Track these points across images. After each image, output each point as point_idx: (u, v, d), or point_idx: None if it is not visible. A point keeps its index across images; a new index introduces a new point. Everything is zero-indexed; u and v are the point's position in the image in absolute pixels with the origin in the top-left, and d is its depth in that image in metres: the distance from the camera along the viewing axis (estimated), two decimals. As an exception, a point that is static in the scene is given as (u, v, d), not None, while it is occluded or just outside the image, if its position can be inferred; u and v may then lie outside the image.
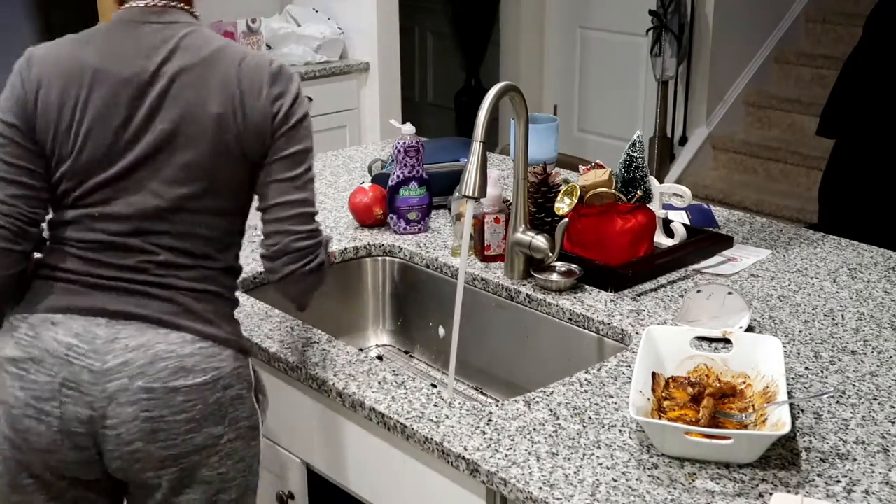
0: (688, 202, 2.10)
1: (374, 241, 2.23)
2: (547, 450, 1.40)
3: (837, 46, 5.29)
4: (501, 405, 1.52)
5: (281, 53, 4.33)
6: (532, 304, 1.93)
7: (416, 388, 1.58)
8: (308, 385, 1.67)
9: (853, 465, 1.35)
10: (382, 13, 4.40)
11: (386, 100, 4.50)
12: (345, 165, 2.83)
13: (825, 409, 1.50)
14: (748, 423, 1.42)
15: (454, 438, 1.43)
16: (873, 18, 3.38)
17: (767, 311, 1.85)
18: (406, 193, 2.22)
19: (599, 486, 1.31)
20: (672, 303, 1.87)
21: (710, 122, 5.54)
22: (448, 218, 2.31)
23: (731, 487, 1.31)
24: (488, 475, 1.36)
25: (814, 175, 4.66)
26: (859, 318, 1.82)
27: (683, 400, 1.50)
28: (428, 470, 1.50)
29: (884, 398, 1.53)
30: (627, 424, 1.46)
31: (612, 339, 1.80)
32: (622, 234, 1.97)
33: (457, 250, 2.11)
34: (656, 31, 5.23)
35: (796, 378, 1.60)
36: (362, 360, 1.68)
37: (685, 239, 2.09)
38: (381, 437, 1.58)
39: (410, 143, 2.20)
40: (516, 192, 1.93)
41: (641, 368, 1.49)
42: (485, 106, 1.74)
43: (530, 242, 1.92)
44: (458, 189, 1.84)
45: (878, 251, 2.15)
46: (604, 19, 5.64)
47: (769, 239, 2.22)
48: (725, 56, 5.42)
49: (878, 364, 1.64)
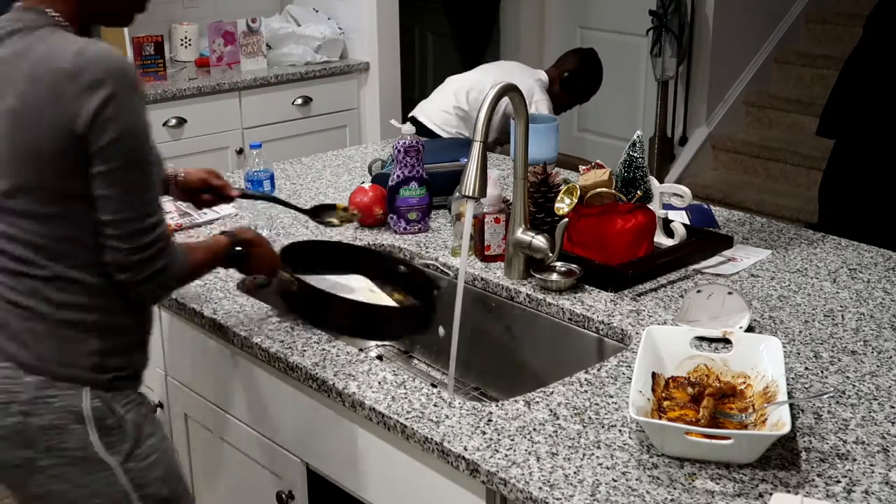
0: (688, 202, 2.10)
1: (375, 241, 2.22)
2: (547, 450, 1.40)
3: (837, 46, 5.29)
4: (501, 405, 1.52)
5: (281, 53, 4.33)
6: (532, 304, 1.93)
7: (416, 388, 1.58)
8: (308, 385, 1.67)
9: (853, 465, 1.35)
10: (382, 13, 4.40)
11: (386, 100, 4.50)
12: (345, 165, 2.83)
13: (825, 409, 1.50)
14: (748, 423, 1.42)
15: (454, 438, 1.43)
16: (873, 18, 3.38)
17: (767, 311, 1.85)
18: (406, 193, 2.22)
19: (599, 486, 1.31)
20: (672, 303, 1.87)
21: (710, 122, 5.54)
22: (448, 218, 2.31)
23: (731, 487, 1.31)
24: (488, 475, 1.36)
25: (814, 175, 4.66)
26: (859, 318, 1.82)
27: (683, 400, 1.50)
28: (428, 470, 1.50)
29: (884, 398, 1.53)
30: (627, 424, 1.46)
31: (612, 339, 1.80)
32: (622, 234, 1.97)
33: (457, 250, 2.11)
34: (656, 31, 5.23)
35: (796, 378, 1.60)
36: (362, 360, 1.68)
37: (685, 239, 2.09)
38: (381, 437, 1.58)
39: (410, 143, 2.20)
40: (516, 192, 1.93)
41: (641, 368, 1.49)
42: (485, 106, 1.74)
43: (530, 242, 1.92)
44: (458, 189, 1.84)
45: (878, 251, 2.15)
46: (604, 19, 5.64)
47: (769, 239, 2.22)
48: (725, 56, 5.42)
49: (878, 364, 1.64)
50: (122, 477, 1.55)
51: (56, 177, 1.44)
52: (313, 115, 4.35)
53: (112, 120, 1.40)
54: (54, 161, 1.43)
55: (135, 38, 3.94)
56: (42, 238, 1.47)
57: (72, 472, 1.52)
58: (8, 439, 1.50)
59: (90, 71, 1.39)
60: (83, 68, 1.39)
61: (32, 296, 1.49)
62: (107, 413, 1.53)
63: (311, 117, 4.34)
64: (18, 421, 1.49)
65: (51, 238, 1.47)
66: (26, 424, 1.49)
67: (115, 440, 1.54)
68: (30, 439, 1.50)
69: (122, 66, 1.42)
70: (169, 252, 1.53)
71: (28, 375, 1.49)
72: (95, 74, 1.39)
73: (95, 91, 1.39)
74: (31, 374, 1.49)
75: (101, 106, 1.39)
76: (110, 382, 1.54)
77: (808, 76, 5.56)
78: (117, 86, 1.40)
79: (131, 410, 1.56)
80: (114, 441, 1.54)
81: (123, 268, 1.48)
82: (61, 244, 1.48)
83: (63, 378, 1.50)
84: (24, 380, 1.49)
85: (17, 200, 1.46)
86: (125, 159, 1.43)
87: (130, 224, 1.46)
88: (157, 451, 1.60)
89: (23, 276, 1.49)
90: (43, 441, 1.50)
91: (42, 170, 1.44)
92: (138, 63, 3.93)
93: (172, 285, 1.60)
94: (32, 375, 1.49)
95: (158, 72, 4.02)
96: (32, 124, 1.42)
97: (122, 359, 1.57)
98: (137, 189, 1.46)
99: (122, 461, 1.54)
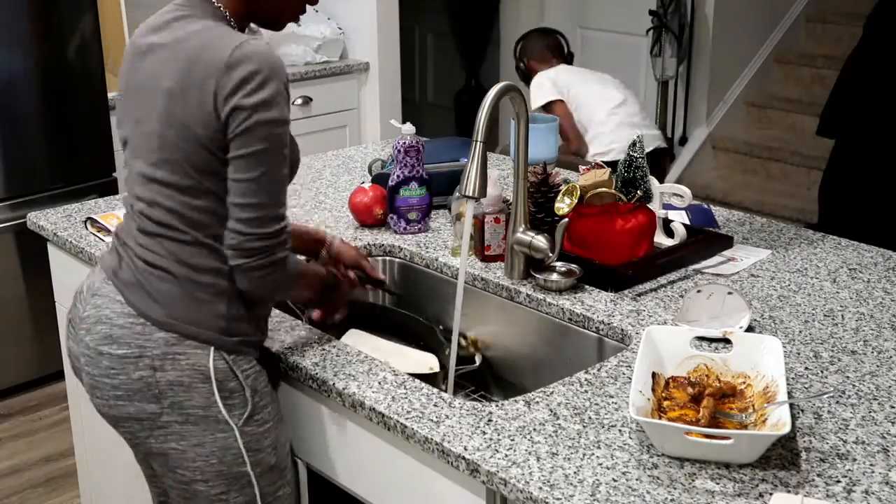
0: (688, 202, 2.10)
1: (375, 241, 2.23)
2: (547, 450, 1.40)
3: (837, 46, 5.29)
4: (501, 405, 1.52)
5: (281, 53, 4.33)
6: (532, 304, 1.93)
7: (416, 388, 1.58)
8: (308, 385, 1.67)
9: (853, 465, 1.35)
10: (382, 13, 4.40)
11: (386, 100, 4.50)
12: (345, 165, 2.83)
13: (825, 409, 1.50)
14: (748, 423, 1.42)
15: (454, 438, 1.43)
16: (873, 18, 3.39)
17: (767, 311, 1.85)
18: (406, 193, 2.22)
19: (599, 486, 1.31)
20: (672, 303, 1.87)
21: (710, 121, 5.54)
22: (448, 218, 2.31)
23: (731, 487, 1.31)
24: (488, 475, 1.36)
25: (814, 175, 4.67)
26: (859, 318, 1.82)
27: (683, 400, 1.50)
28: (428, 470, 1.50)
29: (884, 398, 1.53)
30: (627, 424, 1.46)
31: (612, 339, 1.80)
32: (622, 234, 1.97)
33: (457, 250, 2.11)
34: (656, 31, 5.23)
35: (796, 378, 1.60)
36: (362, 360, 1.68)
37: (685, 239, 2.09)
38: (381, 437, 1.58)
39: (410, 143, 2.20)
40: (516, 192, 1.93)
41: (641, 368, 1.49)
42: (485, 106, 1.75)
43: (530, 242, 1.92)
44: (458, 189, 1.84)
45: (878, 251, 2.15)
46: (604, 19, 5.64)
47: (769, 239, 2.22)
48: (725, 56, 5.42)
49: (878, 364, 1.64)
50: (239, 439, 1.60)
51: (198, 154, 1.52)
52: (313, 115, 4.35)
53: (255, 110, 1.48)
54: (199, 140, 1.51)
55: (135, 38, 3.94)
56: (182, 206, 1.55)
57: (192, 430, 1.58)
58: (138, 392, 1.57)
59: (244, 65, 1.48)
60: (239, 61, 1.48)
61: (170, 257, 1.57)
62: (229, 375, 1.59)
63: (311, 117, 4.34)
64: (148, 374, 1.56)
65: (190, 207, 1.55)
66: (156, 378, 1.56)
67: (236, 403, 1.59)
68: (157, 394, 1.56)
69: (275, 64, 1.51)
70: (288, 250, 1.58)
71: (159, 331, 1.56)
72: (249, 68, 1.48)
73: (245, 83, 1.48)
74: (161, 331, 1.56)
75: (246, 95, 1.48)
76: (235, 346, 1.60)
77: (808, 76, 5.56)
78: (267, 81, 1.49)
79: (251, 376, 1.61)
80: (234, 404, 1.59)
81: (241, 252, 1.53)
82: (201, 214, 1.56)
83: (191, 336, 1.57)
84: (154, 336, 1.56)
85: (164, 172, 1.55)
86: (261, 147, 1.50)
87: (258, 209, 1.52)
88: (271, 420, 1.65)
89: (163, 237, 1.57)
90: (168, 396, 1.56)
91: (187, 147, 1.53)
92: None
93: (280, 284, 1.61)
94: (163, 332, 1.56)
95: (158, 72, 4.01)
96: (184, 105, 1.51)
97: (247, 325, 1.62)
98: (269, 179, 1.53)
99: (239, 423, 1.60)
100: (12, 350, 3.60)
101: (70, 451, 2.82)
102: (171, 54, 1.55)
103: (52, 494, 3.04)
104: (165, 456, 1.61)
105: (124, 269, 1.61)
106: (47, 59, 3.49)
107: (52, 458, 3.22)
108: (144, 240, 1.59)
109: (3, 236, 3.52)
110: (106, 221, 2.30)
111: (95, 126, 3.64)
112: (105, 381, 1.59)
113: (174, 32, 1.57)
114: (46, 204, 3.36)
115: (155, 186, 1.57)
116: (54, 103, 3.54)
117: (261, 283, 1.57)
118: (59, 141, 3.58)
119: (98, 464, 2.47)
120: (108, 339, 1.58)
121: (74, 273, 2.26)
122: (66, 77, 3.55)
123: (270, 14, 1.65)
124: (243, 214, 1.52)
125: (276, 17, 1.66)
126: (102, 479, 2.48)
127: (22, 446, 3.30)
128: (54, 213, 2.44)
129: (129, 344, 1.57)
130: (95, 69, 3.60)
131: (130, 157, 1.63)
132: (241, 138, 1.50)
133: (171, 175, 1.55)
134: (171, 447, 1.60)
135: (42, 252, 2.45)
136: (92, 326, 1.61)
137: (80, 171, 3.64)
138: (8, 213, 3.50)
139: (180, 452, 1.60)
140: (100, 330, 1.59)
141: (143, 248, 1.59)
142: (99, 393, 1.62)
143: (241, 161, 1.51)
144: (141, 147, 1.59)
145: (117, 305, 1.59)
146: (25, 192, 3.53)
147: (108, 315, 1.59)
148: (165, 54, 1.56)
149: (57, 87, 3.53)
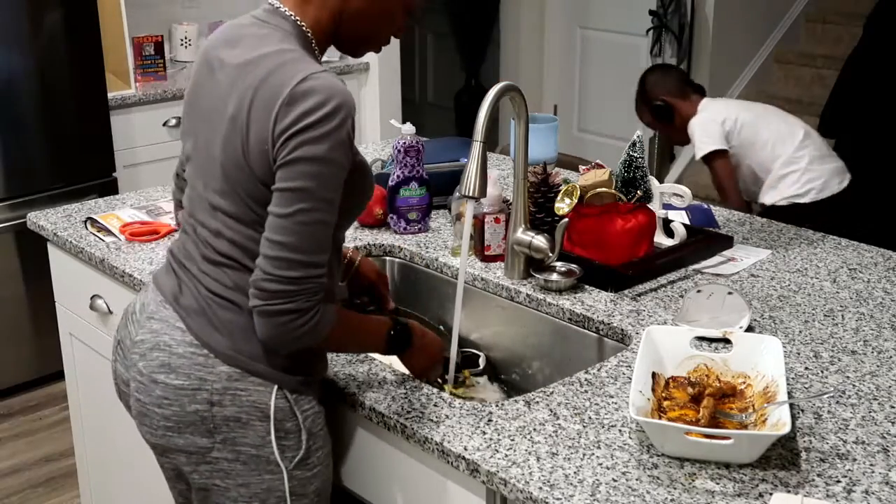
0: (688, 202, 2.10)
1: (375, 241, 2.23)
2: (547, 450, 1.40)
3: (837, 46, 5.29)
4: (501, 405, 1.52)
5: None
6: (532, 304, 1.93)
7: (416, 388, 1.58)
8: (308, 385, 1.67)
9: (853, 465, 1.35)
10: (382, 13, 4.39)
11: (386, 100, 4.50)
12: (345, 165, 2.82)
13: (825, 409, 1.50)
14: (748, 423, 1.42)
15: (454, 438, 1.43)
16: (873, 18, 3.39)
17: (767, 311, 1.85)
18: (406, 193, 2.22)
19: (599, 486, 1.31)
20: (672, 303, 1.87)
21: (710, 122, 5.53)
22: (448, 218, 2.31)
23: (731, 487, 1.31)
24: (488, 475, 1.36)
25: (814, 175, 4.66)
26: (859, 318, 1.82)
27: (683, 400, 1.50)
28: (428, 470, 1.50)
29: (884, 398, 1.53)
30: (627, 424, 1.46)
31: (612, 339, 1.80)
32: (622, 234, 1.97)
33: (457, 250, 2.11)
34: (656, 31, 5.23)
35: (796, 378, 1.60)
36: (362, 360, 1.68)
37: (685, 239, 2.09)
38: (381, 437, 1.58)
39: (410, 143, 2.20)
40: (516, 192, 1.93)
41: (641, 368, 1.49)
42: (485, 106, 1.74)
43: (530, 242, 1.92)
44: (458, 189, 1.84)
45: (878, 251, 2.15)
46: (604, 19, 5.64)
47: (769, 239, 2.22)
48: (725, 56, 5.42)
49: (878, 364, 1.64)
50: (286, 483, 1.53)
51: (255, 188, 1.44)
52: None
53: (302, 143, 1.38)
54: (254, 173, 1.43)
55: (135, 38, 3.93)
56: (246, 240, 1.47)
57: (241, 469, 1.51)
58: (191, 424, 1.50)
59: (308, 98, 1.38)
60: (303, 94, 1.38)
61: (237, 289, 1.49)
62: (289, 415, 1.51)
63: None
64: (205, 409, 1.48)
65: (255, 241, 1.45)
66: (212, 413, 1.49)
67: (290, 445, 1.51)
68: (211, 428, 1.49)
69: (341, 101, 1.39)
70: (316, 301, 1.42)
71: (222, 365, 1.48)
72: (312, 101, 1.38)
73: (304, 116, 1.37)
74: (225, 364, 1.49)
75: (300, 127, 1.37)
76: (298, 385, 1.52)
77: (808, 76, 5.56)
78: (327, 118, 1.37)
79: (310, 417, 1.53)
80: (288, 445, 1.51)
81: (258, 292, 1.40)
82: None
83: (256, 373, 1.49)
84: (218, 369, 1.48)
85: (227, 202, 1.47)
86: (300, 185, 1.39)
87: (284, 250, 1.39)
88: (321, 465, 1.57)
89: (228, 268, 1.49)
90: (223, 432, 1.49)
91: (246, 181, 1.44)
92: (138, 63, 3.94)
93: (305, 338, 1.43)
94: (226, 366, 1.48)
95: (158, 72, 4.02)
96: (243, 134, 1.42)
97: (309, 364, 1.54)
98: (304, 221, 1.39)
99: (290, 466, 1.52)
100: (12, 350, 3.60)
101: (70, 451, 2.82)
102: (238, 79, 1.45)
103: (52, 494, 3.04)
104: (207, 491, 1.54)
105: (186, 295, 1.53)
106: (47, 59, 3.49)
107: (52, 458, 3.22)
108: (208, 267, 1.51)
109: (3, 236, 3.52)
110: (106, 221, 2.30)
111: (95, 126, 3.64)
112: (156, 410, 1.51)
113: (245, 52, 1.47)
114: (46, 204, 3.37)
115: (220, 216, 1.49)
116: (54, 103, 3.54)
117: (276, 331, 1.41)
118: (59, 141, 3.59)
119: (98, 464, 2.47)
120: (165, 367, 1.50)
121: (74, 273, 2.26)
122: (66, 77, 3.55)
123: (356, 40, 1.55)
124: (269, 252, 1.40)
125: (361, 43, 1.57)
126: (102, 479, 2.48)
127: (22, 446, 3.31)
128: (54, 213, 2.44)
129: (188, 375, 1.48)
130: (95, 69, 3.60)
131: (194, 176, 1.54)
132: (283, 170, 1.39)
133: (233, 206, 1.47)
134: (215, 483, 1.52)
135: (42, 252, 2.45)
136: (147, 352, 1.53)
137: (80, 171, 3.64)
138: (8, 213, 3.50)
139: (223, 490, 1.53)
140: (156, 357, 1.51)
141: (207, 277, 1.51)
142: (148, 421, 1.53)
143: (278, 194, 1.40)
144: (205, 171, 1.50)
145: (177, 333, 1.51)
146: (25, 192, 3.54)
147: (166, 342, 1.51)
148: (233, 77, 1.46)
149: (57, 87, 3.53)
